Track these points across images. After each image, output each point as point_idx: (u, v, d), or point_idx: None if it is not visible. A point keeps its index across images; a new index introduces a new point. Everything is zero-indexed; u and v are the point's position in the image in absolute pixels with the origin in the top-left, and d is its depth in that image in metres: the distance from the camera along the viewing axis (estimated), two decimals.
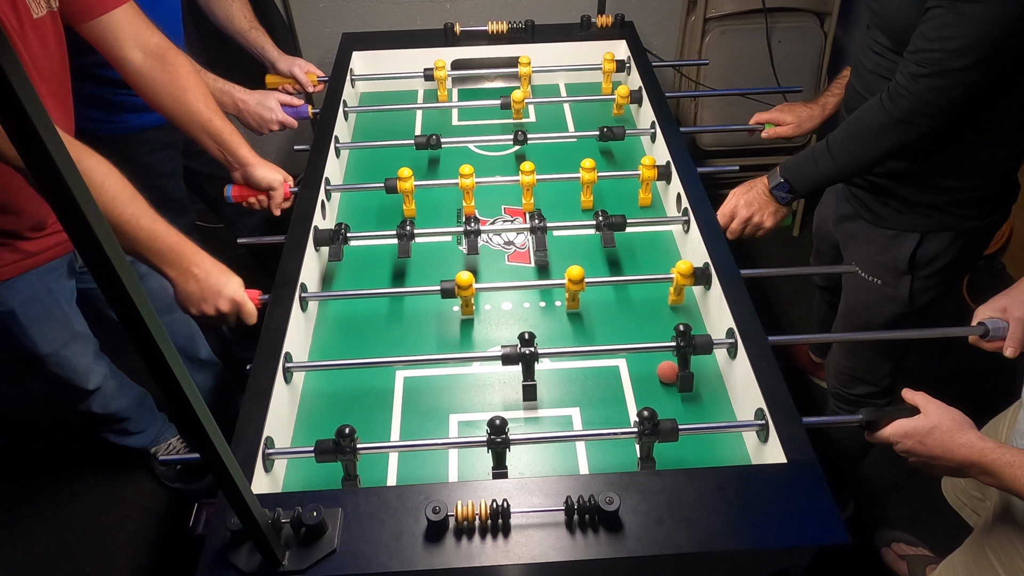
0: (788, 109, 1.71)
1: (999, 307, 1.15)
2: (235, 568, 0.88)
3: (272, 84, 1.92)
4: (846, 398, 1.73)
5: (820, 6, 2.53)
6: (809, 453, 1.01)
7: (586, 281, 1.40)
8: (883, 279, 1.52)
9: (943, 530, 1.89)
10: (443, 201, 1.62)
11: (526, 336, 1.17)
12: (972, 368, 2.18)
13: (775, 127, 1.71)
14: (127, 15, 1.34)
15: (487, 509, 0.91)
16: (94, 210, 0.49)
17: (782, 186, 1.41)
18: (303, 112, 1.82)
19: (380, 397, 1.23)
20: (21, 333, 1.51)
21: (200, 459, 0.71)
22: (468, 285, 1.27)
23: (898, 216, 1.45)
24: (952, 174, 1.36)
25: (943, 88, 1.18)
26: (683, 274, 1.30)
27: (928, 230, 1.43)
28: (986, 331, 1.14)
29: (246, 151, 1.44)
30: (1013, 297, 1.14)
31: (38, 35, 1.21)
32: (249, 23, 1.89)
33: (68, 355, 1.62)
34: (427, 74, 1.90)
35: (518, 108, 1.80)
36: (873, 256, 1.52)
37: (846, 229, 1.59)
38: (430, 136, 1.68)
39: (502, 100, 1.81)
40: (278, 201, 1.47)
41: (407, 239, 1.43)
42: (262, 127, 1.79)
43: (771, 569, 0.99)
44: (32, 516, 2.05)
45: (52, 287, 1.51)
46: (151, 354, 0.58)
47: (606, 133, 1.70)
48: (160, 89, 1.38)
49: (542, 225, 1.44)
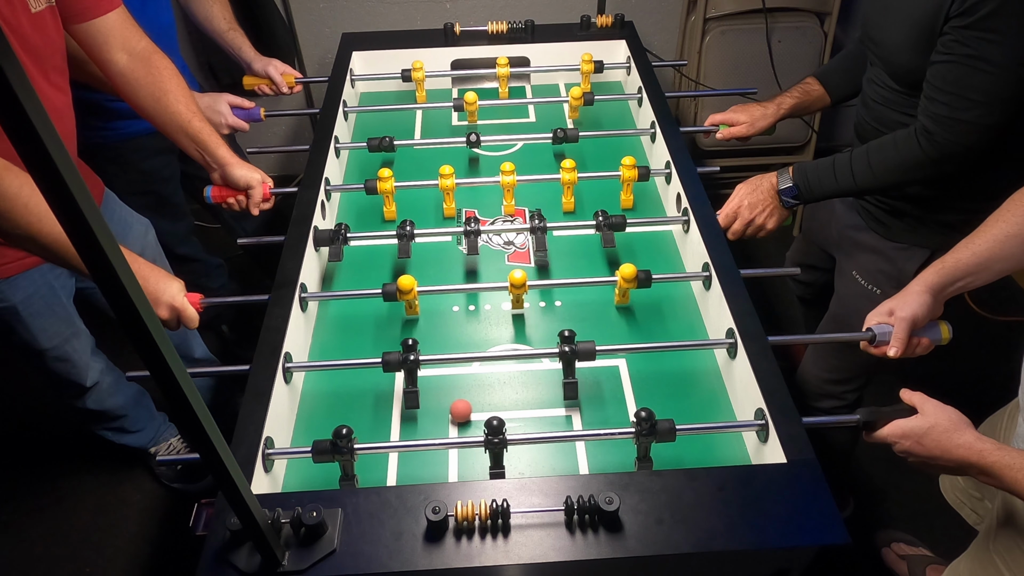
0: (742, 109, 1.70)
1: (886, 311, 1.17)
2: (235, 568, 0.88)
3: (249, 85, 1.94)
4: (811, 412, 1.71)
5: (820, 6, 2.53)
6: (809, 453, 1.01)
7: (586, 281, 1.41)
8: (883, 289, 1.51)
9: (943, 530, 1.90)
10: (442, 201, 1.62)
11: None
12: (966, 367, 2.18)
13: (729, 127, 1.70)
14: (118, 19, 1.35)
15: (487, 509, 0.91)
16: (93, 210, 0.49)
17: (790, 190, 1.40)
18: (255, 115, 1.83)
19: (380, 397, 1.23)
20: (23, 328, 1.52)
21: (200, 459, 0.71)
22: (410, 289, 1.28)
23: (911, 232, 1.44)
24: (970, 196, 1.37)
25: (976, 139, 1.20)
26: (626, 278, 1.30)
27: (940, 247, 1.42)
28: (873, 336, 1.17)
29: (224, 151, 1.44)
30: (899, 299, 1.16)
31: (37, 29, 1.21)
32: (228, 24, 1.90)
33: (69, 350, 1.63)
34: (404, 75, 1.89)
35: (472, 111, 1.79)
36: (878, 264, 1.51)
37: (852, 238, 1.57)
38: (383, 139, 1.67)
39: (454, 102, 1.80)
40: (256, 200, 1.46)
41: (407, 239, 1.43)
42: None
43: (771, 569, 0.99)
44: (32, 516, 2.05)
45: (54, 283, 1.52)
46: (151, 354, 0.58)
47: (559, 136, 1.69)
48: (142, 90, 1.39)
49: (542, 225, 1.44)
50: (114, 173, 1.78)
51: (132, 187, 1.84)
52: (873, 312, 1.19)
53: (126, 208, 1.68)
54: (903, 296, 1.15)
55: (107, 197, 1.62)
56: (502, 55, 1.89)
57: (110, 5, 1.34)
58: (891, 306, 1.16)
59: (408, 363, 1.16)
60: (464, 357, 1.26)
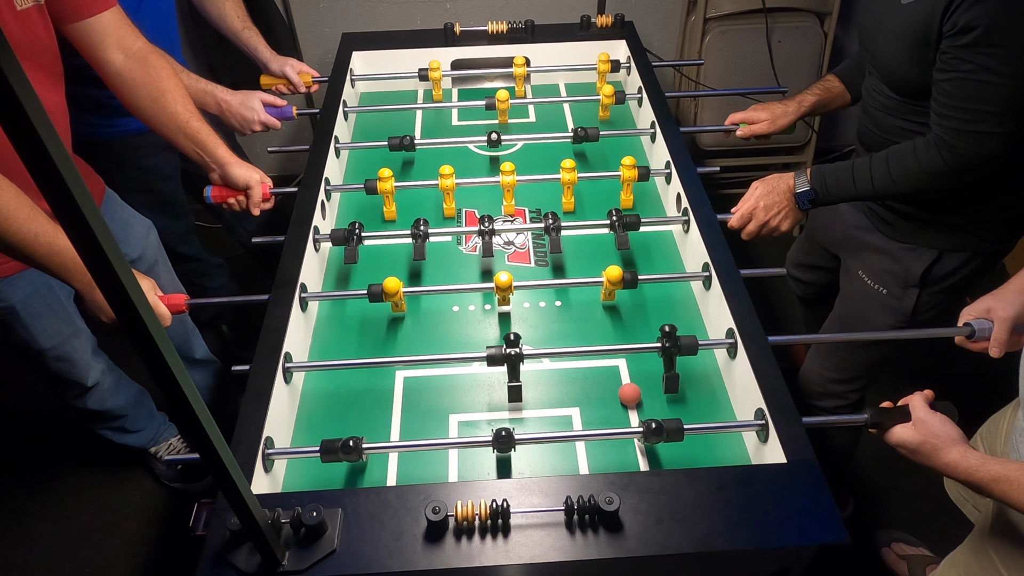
0: (763, 107, 1.69)
1: (984, 308, 1.16)
2: (235, 568, 0.88)
3: (266, 85, 1.92)
4: (812, 411, 1.72)
5: (820, 6, 2.53)
6: (809, 453, 1.01)
7: (586, 281, 1.40)
8: (889, 289, 1.50)
9: (943, 530, 1.89)
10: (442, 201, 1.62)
11: (511, 337, 1.16)
12: (965, 367, 2.18)
13: (749, 125, 1.69)
14: (113, 18, 1.34)
15: (487, 509, 0.91)
16: (92, 207, 0.49)
17: (808, 194, 1.39)
18: (287, 113, 1.82)
19: (380, 397, 1.23)
20: (22, 328, 1.52)
21: (200, 459, 0.71)
22: (396, 291, 1.29)
23: (919, 233, 1.44)
24: (982, 198, 1.37)
25: (996, 147, 1.19)
26: (612, 280, 1.30)
27: (948, 248, 1.43)
28: (972, 332, 1.15)
29: (223, 151, 1.44)
30: (999, 298, 1.15)
31: (23, 27, 1.20)
32: (242, 23, 1.89)
33: (69, 350, 1.63)
34: (422, 74, 1.90)
35: (503, 109, 1.79)
36: (884, 264, 1.50)
37: (858, 238, 1.56)
38: (403, 137, 1.67)
39: (487, 101, 1.80)
40: (256, 200, 1.46)
41: (421, 239, 1.41)
42: (244, 128, 1.80)
43: (771, 569, 0.99)
44: (32, 516, 2.05)
45: (52, 283, 1.51)
46: (151, 354, 0.58)
47: (580, 135, 1.69)
48: (139, 90, 1.38)
49: (556, 225, 1.43)
50: (114, 170, 1.77)
51: (133, 185, 1.83)
52: (969, 307, 1.18)
53: (128, 208, 1.68)
54: (1002, 294, 1.14)
55: (108, 197, 1.62)
56: (502, 55, 1.89)
57: (104, 4, 1.32)
58: (989, 304, 1.15)
59: (511, 357, 1.15)
60: (460, 357, 1.25)
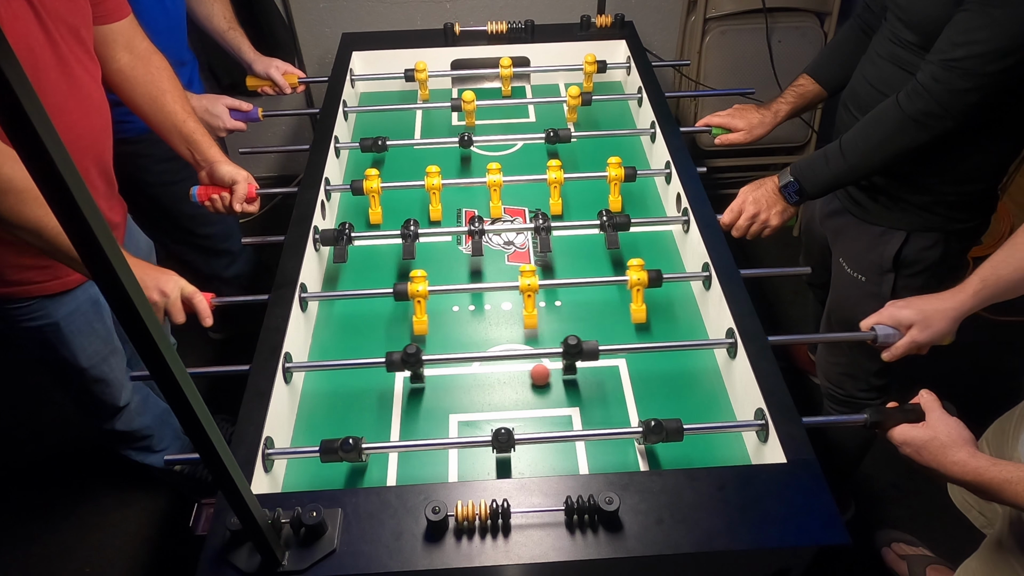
0: (740, 114, 1.69)
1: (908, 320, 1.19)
2: (235, 568, 0.88)
3: (252, 87, 1.94)
4: (838, 397, 1.72)
5: (820, 6, 2.53)
6: (809, 453, 1.01)
7: (586, 281, 1.40)
8: (867, 276, 1.53)
9: (943, 530, 1.89)
10: (445, 201, 1.62)
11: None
12: (970, 369, 2.18)
13: (726, 134, 1.69)
14: (127, 24, 1.39)
15: (487, 509, 0.91)
16: (90, 205, 0.49)
17: (791, 185, 1.41)
18: (253, 115, 1.82)
19: (380, 397, 1.23)
20: (62, 345, 1.48)
21: (200, 459, 0.71)
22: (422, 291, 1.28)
23: (886, 212, 1.47)
24: (941, 176, 1.38)
25: (963, 91, 1.20)
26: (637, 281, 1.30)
27: (914, 228, 1.45)
28: (875, 338, 1.22)
29: (215, 151, 1.47)
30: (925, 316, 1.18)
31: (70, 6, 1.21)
32: (228, 23, 1.89)
33: (106, 369, 1.59)
34: (408, 75, 1.89)
35: (469, 111, 1.78)
36: (860, 253, 1.54)
37: (834, 224, 1.60)
38: (376, 139, 1.67)
39: (452, 102, 1.79)
40: (240, 195, 1.46)
41: (411, 239, 1.42)
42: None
43: (771, 569, 0.99)
44: (31, 516, 2.05)
45: (98, 299, 1.49)
46: (151, 354, 0.58)
47: (551, 136, 1.69)
48: (139, 88, 1.42)
49: (546, 225, 1.43)
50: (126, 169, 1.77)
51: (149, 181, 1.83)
52: (892, 311, 1.20)
53: (134, 227, 1.66)
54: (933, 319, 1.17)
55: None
56: (502, 55, 1.89)
57: (121, 14, 1.38)
58: (913, 319, 1.18)
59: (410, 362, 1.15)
60: (460, 357, 1.26)
